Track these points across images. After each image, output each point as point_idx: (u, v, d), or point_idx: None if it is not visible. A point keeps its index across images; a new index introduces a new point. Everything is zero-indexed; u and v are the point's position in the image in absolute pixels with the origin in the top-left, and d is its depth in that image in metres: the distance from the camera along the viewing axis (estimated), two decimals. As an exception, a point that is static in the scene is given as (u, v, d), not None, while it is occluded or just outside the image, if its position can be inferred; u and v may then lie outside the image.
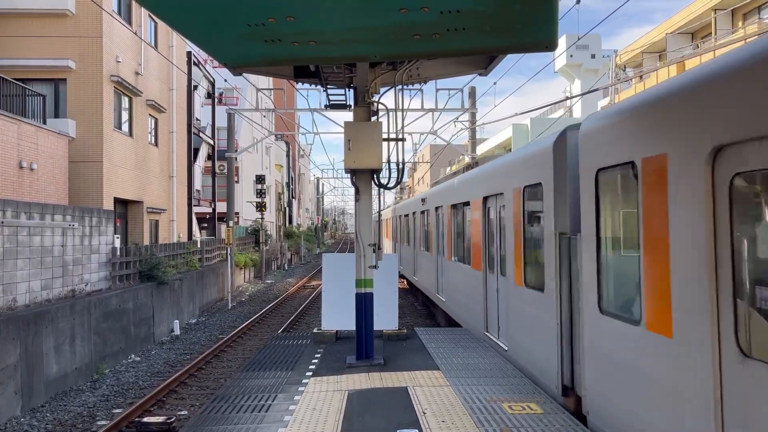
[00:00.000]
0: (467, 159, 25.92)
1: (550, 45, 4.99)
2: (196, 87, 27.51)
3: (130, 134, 19.15)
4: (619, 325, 4.94)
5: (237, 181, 31.49)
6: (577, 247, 5.89)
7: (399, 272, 14.48)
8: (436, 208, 14.82)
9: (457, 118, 23.79)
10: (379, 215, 9.49)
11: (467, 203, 11.16)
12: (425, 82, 9.63)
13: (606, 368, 5.19)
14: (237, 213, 32.56)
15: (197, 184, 28.44)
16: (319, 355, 9.01)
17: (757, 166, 3.37)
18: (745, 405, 3.43)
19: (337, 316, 10.00)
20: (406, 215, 22.09)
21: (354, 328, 8.68)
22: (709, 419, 3.68)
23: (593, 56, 53.45)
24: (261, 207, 30.72)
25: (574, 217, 6.28)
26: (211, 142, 30.27)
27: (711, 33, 25.06)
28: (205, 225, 31.68)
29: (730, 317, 3.54)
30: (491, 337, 9.45)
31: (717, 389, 3.61)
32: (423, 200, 17.28)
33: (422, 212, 17.51)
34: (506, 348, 8.53)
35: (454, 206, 12.55)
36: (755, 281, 3.45)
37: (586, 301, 5.56)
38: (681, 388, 4.01)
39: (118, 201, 18.21)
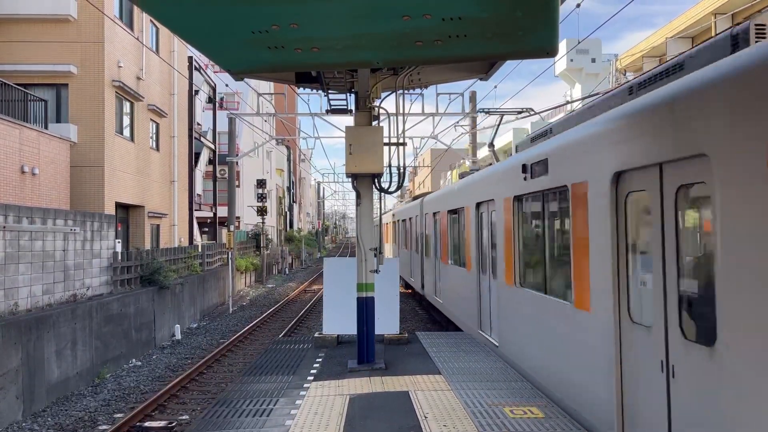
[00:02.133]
0: (468, 163, 25.96)
1: (550, 51, 5.02)
2: (197, 92, 27.57)
3: (132, 139, 19.19)
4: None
5: (238, 186, 31.53)
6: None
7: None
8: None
9: (458, 123, 23.83)
10: (380, 219, 9.51)
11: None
12: (426, 87, 9.68)
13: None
14: (238, 217, 32.58)
15: (198, 189, 28.48)
16: (320, 360, 9.02)
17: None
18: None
19: (339, 320, 10.02)
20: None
21: (355, 333, 8.70)
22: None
23: (593, 60, 53.55)
24: (262, 211, 30.75)
25: None
26: (212, 146, 30.32)
27: (711, 37, 25.11)
28: (206, 229, 31.71)
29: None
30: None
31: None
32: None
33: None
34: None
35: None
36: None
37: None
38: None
39: (119, 206, 18.23)
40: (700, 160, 3.87)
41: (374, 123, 8.56)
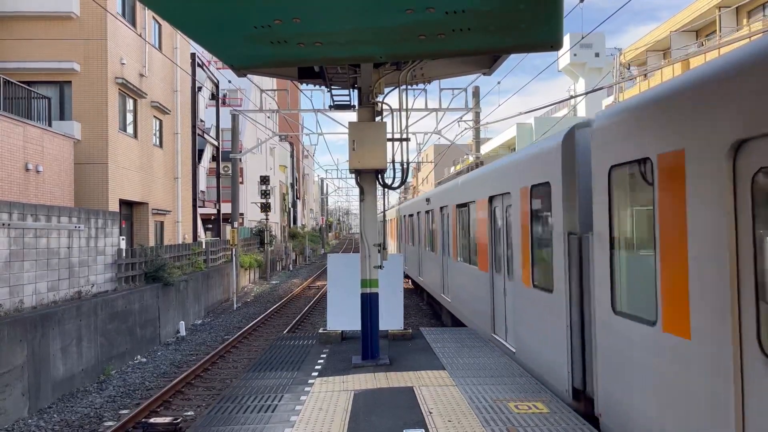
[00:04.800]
0: (471, 159, 25.90)
1: (555, 44, 4.99)
2: (200, 88, 27.56)
3: (135, 136, 19.20)
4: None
5: (241, 182, 31.57)
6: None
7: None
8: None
9: (461, 118, 23.77)
10: (384, 215, 9.52)
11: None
12: (429, 82, 9.64)
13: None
14: (242, 214, 32.62)
15: (202, 186, 28.49)
16: (324, 356, 9.03)
17: None
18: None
19: (343, 316, 10.02)
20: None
21: (359, 329, 8.69)
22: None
23: (597, 55, 53.32)
24: (265, 208, 30.76)
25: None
26: (216, 143, 30.33)
27: (716, 31, 24.99)
28: (210, 226, 31.74)
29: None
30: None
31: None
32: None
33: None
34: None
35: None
36: None
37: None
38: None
39: (123, 203, 18.26)
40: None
41: (377, 118, 8.53)
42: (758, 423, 3.49)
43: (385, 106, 8.66)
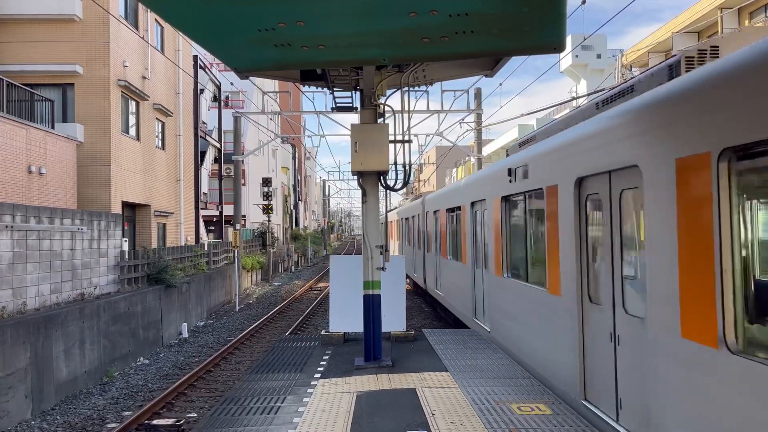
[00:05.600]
0: (473, 160, 25.91)
1: (558, 47, 4.99)
2: (202, 90, 27.61)
3: (138, 138, 19.24)
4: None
5: (244, 184, 31.60)
6: None
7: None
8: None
9: (463, 119, 23.78)
10: (386, 217, 9.51)
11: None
12: (431, 84, 9.66)
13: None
14: (244, 216, 32.63)
15: (204, 188, 28.52)
16: (327, 357, 9.03)
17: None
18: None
19: (345, 318, 10.02)
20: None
21: (362, 330, 8.70)
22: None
23: (599, 56, 53.32)
24: (268, 210, 30.79)
25: None
26: (218, 145, 30.37)
27: (717, 32, 24.98)
28: (213, 228, 31.78)
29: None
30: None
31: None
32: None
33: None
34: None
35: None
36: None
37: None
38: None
39: (125, 205, 18.30)
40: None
41: (379, 120, 8.55)
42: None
43: (387, 108, 8.67)
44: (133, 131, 19.00)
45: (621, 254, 5.29)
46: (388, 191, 8.75)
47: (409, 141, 8.62)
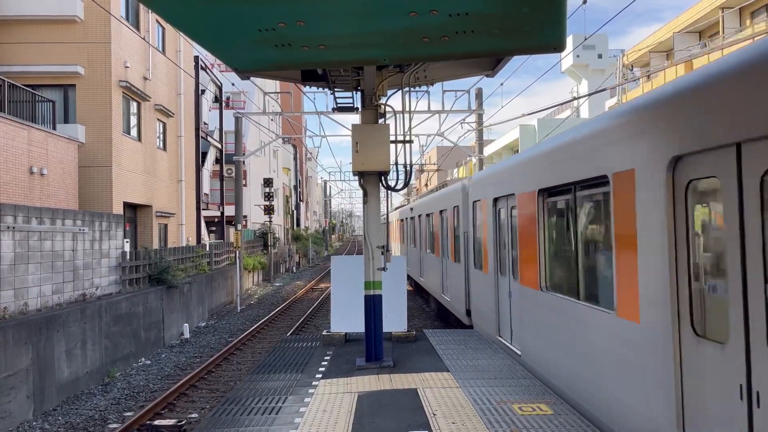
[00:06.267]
0: (474, 160, 25.89)
1: (558, 46, 4.99)
2: (203, 91, 27.62)
3: (139, 139, 19.26)
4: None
5: (245, 185, 31.62)
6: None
7: None
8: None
9: (464, 120, 23.78)
10: (387, 217, 9.46)
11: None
12: (432, 84, 9.66)
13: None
14: (245, 216, 32.65)
15: (205, 188, 28.54)
16: (328, 358, 9.03)
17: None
18: None
19: (346, 318, 10.02)
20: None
21: (363, 331, 8.70)
22: None
23: (600, 56, 53.28)
24: (269, 210, 30.80)
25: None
26: (219, 145, 30.39)
27: (719, 32, 24.95)
28: (214, 228, 31.79)
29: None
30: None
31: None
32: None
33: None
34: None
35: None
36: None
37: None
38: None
39: (127, 205, 18.31)
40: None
41: (380, 121, 8.55)
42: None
43: (388, 108, 8.68)
44: (134, 132, 19.01)
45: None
46: (389, 191, 8.75)
47: (410, 141, 8.62)
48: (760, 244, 3.48)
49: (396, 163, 8.40)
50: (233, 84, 23.17)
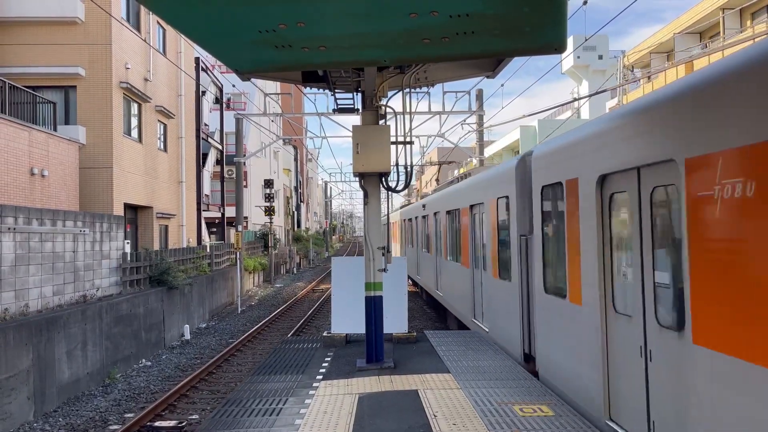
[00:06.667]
0: (475, 161, 25.89)
1: (559, 47, 4.99)
2: (204, 92, 27.64)
3: (140, 140, 19.27)
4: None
5: (245, 186, 31.62)
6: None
7: None
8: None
9: (465, 121, 23.79)
10: (388, 218, 9.41)
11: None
12: (432, 85, 9.65)
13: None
14: (246, 217, 32.67)
15: (206, 189, 28.54)
16: (329, 359, 9.02)
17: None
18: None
19: (347, 319, 10.01)
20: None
21: (364, 332, 8.69)
22: None
23: (600, 57, 53.26)
24: (269, 211, 30.81)
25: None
26: (220, 147, 30.40)
27: (719, 32, 24.95)
28: (215, 230, 31.80)
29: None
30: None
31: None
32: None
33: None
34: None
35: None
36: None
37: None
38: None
39: (128, 206, 18.32)
40: None
41: (381, 122, 8.54)
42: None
43: (388, 110, 8.67)
44: (135, 133, 19.03)
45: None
46: (389, 192, 8.74)
47: (411, 142, 8.62)
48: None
49: (396, 164, 8.40)
50: (234, 85, 23.19)
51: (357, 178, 8.66)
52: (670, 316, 4.55)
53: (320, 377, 7.90)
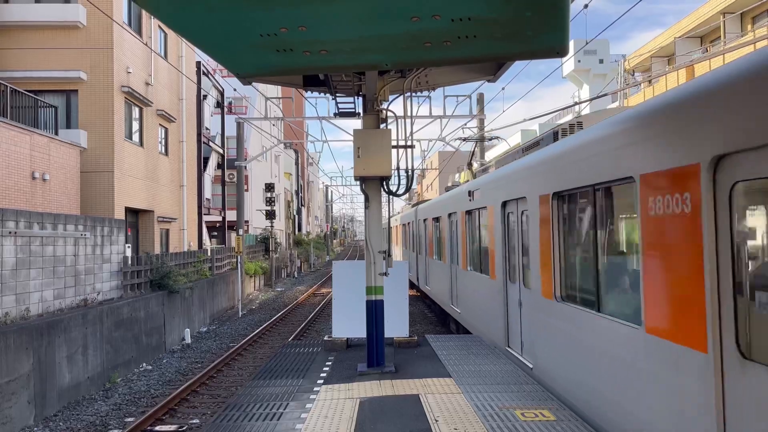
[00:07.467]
0: (476, 165, 25.88)
1: (561, 51, 4.98)
2: (205, 96, 27.68)
3: (141, 144, 19.29)
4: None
5: (246, 190, 31.62)
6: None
7: None
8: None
9: (466, 125, 23.79)
10: (389, 222, 9.43)
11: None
12: (434, 89, 9.65)
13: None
14: (247, 221, 32.67)
15: (207, 193, 28.56)
16: (330, 363, 9.00)
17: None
18: None
19: (348, 323, 9.99)
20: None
21: (365, 336, 8.67)
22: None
23: (601, 61, 53.30)
24: (270, 215, 30.80)
25: None
26: (221, 151, 30.43)
27: (720, 37, 24.97)
28: (215, 233, 31.80)
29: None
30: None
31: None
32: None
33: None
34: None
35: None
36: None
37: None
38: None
39: (129, 210, 18.32)
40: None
41: (382, 126, 8.54)
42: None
43: (389, 113, 8.67)
44: (136, 137, 19.05)
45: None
46: (390, 196, 8.74)
47: (412, 146, 8.61)
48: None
49: (398, 168, 8.40)
50: (235, 89, 23.23)
51: (358, 182, 8.65)
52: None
53: (321, 381, 7.88)
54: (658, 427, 4.48)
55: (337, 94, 9.19)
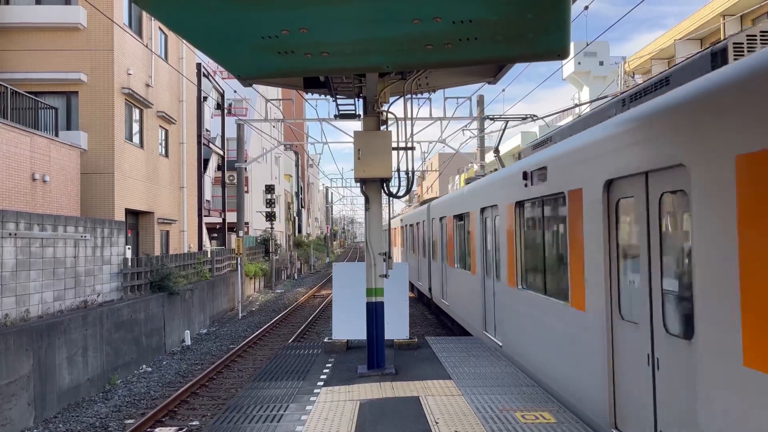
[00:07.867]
0: (476, 167, 25.89)
1: (562, 53, 4.98)
2: (205, 98, 27.69)
3: (141, 146, 19.29)
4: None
5: (247, 191, 31.63)
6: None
7: None
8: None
9: (466, 126, 23.79)
10: (389, 224, 9.44)
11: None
12: (434, 91, 9.66)
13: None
14: (247, 223, 32.66)
15: (207, 195, 28.56)
16: (330, 365, 9.00)
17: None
18: None
19: (348, 325, 9.99)
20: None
21: (365, 338, 8.67)
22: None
23: (601, 63, 53.30)
24: (271, 217, 30.80)
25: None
26: (221, 152, 30.43)
27: (720, 39, 24.96)
28: (216, 235, 31.79)
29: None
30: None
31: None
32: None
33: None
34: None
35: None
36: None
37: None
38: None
39: (129, 212, 18.32)
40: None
41: (382, 127, 8.55)
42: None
43: (390, 115, 8.68)
44: (136, 139, 19.05)
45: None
46: (391, 198, 8.74)
47: (412, 148, 8.62)
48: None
49: (398, 170, 8.40)
50: (235, 91, 23.24)
51: (358, 184, 8.65)
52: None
53: (321, 383, 7.88)
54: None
55: (338, 96, 9.20)
